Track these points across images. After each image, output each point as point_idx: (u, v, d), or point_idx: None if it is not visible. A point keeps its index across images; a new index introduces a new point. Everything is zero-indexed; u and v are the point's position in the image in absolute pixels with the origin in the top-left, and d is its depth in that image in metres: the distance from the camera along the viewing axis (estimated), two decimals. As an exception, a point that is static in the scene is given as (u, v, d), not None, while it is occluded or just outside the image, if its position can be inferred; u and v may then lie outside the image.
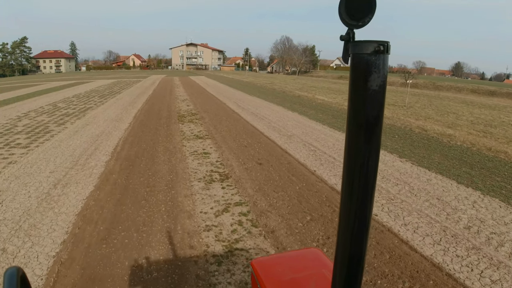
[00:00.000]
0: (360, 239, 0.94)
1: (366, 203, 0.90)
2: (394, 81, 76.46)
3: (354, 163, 0.88)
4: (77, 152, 9.99)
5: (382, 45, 0.78)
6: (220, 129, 13.33)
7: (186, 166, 8.63)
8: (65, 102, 22.62)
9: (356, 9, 0.84)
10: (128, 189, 7.12)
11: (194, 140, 11.45)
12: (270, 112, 17.93)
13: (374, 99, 0.82)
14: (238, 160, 9.24)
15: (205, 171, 8.29)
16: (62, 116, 16.63)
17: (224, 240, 5.17)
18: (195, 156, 9.54)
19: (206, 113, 17.39)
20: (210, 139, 11.70)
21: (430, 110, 20.94)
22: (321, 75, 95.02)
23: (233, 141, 11.35)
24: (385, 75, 0.80)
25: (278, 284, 2.13)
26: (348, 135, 0.87)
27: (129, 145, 10.75)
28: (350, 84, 0.84)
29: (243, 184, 7.46)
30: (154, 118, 15.70)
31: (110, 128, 13.55)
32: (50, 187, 7.40)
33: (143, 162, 8.95)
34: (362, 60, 0.80)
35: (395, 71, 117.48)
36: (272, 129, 13.47)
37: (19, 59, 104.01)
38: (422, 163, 9.71)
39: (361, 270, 0.98)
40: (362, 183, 0.88)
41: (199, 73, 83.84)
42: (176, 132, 12.81)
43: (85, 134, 12.49)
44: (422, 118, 17.54)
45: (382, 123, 0.85)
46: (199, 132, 12.75)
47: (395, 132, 13.44)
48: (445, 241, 5.67)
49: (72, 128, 13.60)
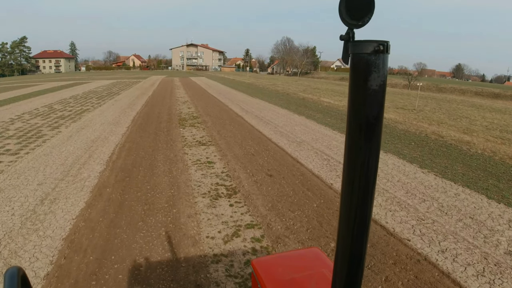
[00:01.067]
0: (360, 238, 0.92)
1: (367, 203, 0.89)
2: (397, 83, 75.94)
3: (354, 162, 0.87)
4: (69, 161, 9.15)
5: (382, 44, 0.78)
6: (224, 135, 12.50)
7: (188, 178, 7.79)
8: (62, 103, 21.78)
9: (356, 9, 0.83)
10: (123, 206, 6.28)
11: (197, 147, 10.61)
12: (275, 116, 17.10)
13: (374, 99, 0.81)
14: (245, 171, 8.40)
15: (210, 184, 7.45)
16: (57, 119, 15.79)
17: (236, 275, 4.33)
18: (198, 166, 8.71)
19: (209, 117, 16.56)
20: (214, 145, 10.87)
21: (441, 114, 20.12)
22: (322, 76, 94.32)
23: (239, 148, 10.52)
24: (385, 75, 0.80)
25: (278, 284, 2.10)
26: (348, 134, 0.87)
27: (126, 152, 9.90)
28: (350, 83, 0.84)
29: (254, 201, 6.62)
30: (154, 122, 14.86)
31: (106, 132, 12.72)
32: (36, 202, 6.56)
33: (141, 173, 8.11)
34: (362, 59, 0.80)
35: (396, 73, 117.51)
36: (280, 135, 12.64)
37: (19, 59, 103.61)
38: (446, 174, 8.90)
39: (361, 270, 0.97)
40: (362, 182, 0.87)
41: (200, 74, 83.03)
42: (177, 137, 11.97)
43: (79, 139, 11.65)
44: (435, 123, 16.73)
45: (382, 123, 0.84)
46: (201, 138, 11.92)
47: (410, 139, 12.62)
48: (489, 271, 4.87)
49: (66, 133, 12.76)
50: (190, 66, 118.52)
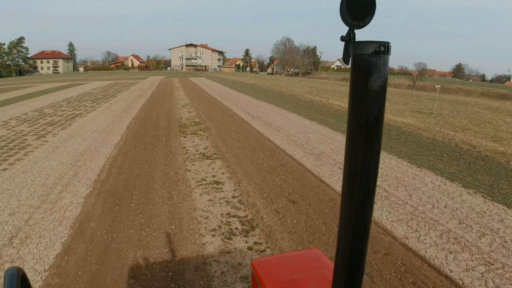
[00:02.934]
0: (360, 239, 0.92)
1: (367, 204, 0.89)
2: (400, 83, 74.57)
3: (355, 164, 0.87)
4: (51, 180, 7.68)
5: (382, 45, 0.78)
6: (230, 145, 11.04)
7: (192, 206, 6.33)
8: (53, 107, 20.29)
9: (357, 9, 0.83)
10: (109, 252, 4.82)
11: (201, 161, 9.15)
12: (285, 121, 15.63)
13: (375, 100, 0.81)
14: (262, 195, 6.94)
15: (220, 215, 5.99)
16: (46, 126, 14.31)
17: None
18: (204, 188, 7.24)
19: (212, 122, 15.10)
20: (221, 159, 9.41)
21: (461, 119, 18.68)
22: (324, 76, 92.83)
23: (250, 163, 9.06)
24: (386, 75, 0.80)
25: (278, 285, 2.06)
26: (348, 135, 0.86)
27: (117, 169, 8.43)
28: (351, 84, 0.84)
29: (279, 242, 5.16)
30: (151, 129, 13.39)
31: (97, 142, 11.25)
32: (4, 242, 5.12)
33: (135, 199, 6.64)
34: (362, 60, 0.80)
35: (396, 73, 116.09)
36: (294, 145, 11.19)
37: (16, 59, 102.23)
38: (495, 196, 7.48)
39: (361, 271, 0.97)
40: (363, 184, 0.87)
41: (199, 74, 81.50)
42: (178, 148, 10.50)
43: (66, 151, 10.18)
44: (458, 129, 15.29)
45: (382, 124, 0.84)
46: (205, 149, 10.44)
47: (441, 150, 11.17)
48: None
49: (53, 143, 11.29)
50: (190, 67, 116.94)
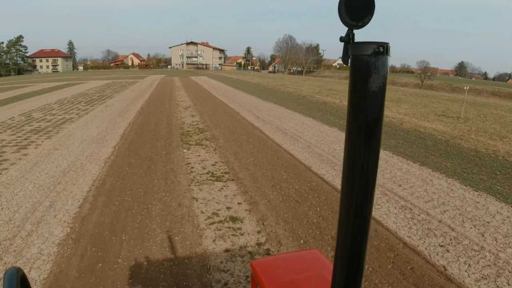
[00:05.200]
0: (360, 240, 0.92)
1: (366, 204, 0.88)
2: (407, 82, 72.54)
3: (354, 164, 0.86)
4: (20, 214, 5.92)
5: (381, 46, 0.77)
6: (244, 160, 9.25)
7: (204, 263, 4.54)
8: (44, 110, 18.51)
9: (356, 9, 0.82)
10: None
11: (210, 185, 7.37)
12: (301, 127, 13.83)
13: (374, 101, 0.81)
14: (297, 241, 5.15)
15: (245, 278, 4.21)
16: (30, 134, 12.55)
17: None
18: (217, 229, 5.46)
19: (218, 129, 13.31)
20: (234, 181, 7.63)
21: (492, 124, 16.84)
22: (328, 75, 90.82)
23: (272, 187, 7.29)
24: (385, 76, 0.79)
25: (278, 285, 2.06)
26: (348, 136, 0.86)
27: (105, 198, 6.64)
28: (350, 85, 0.83)
29: None
30: (149, 139, 11.60)
31: (85, 156, 9.48)
32: None
33: (124, 250, 4.85)
34: (361, 61, 0.79)
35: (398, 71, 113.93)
36: (319, 159, 9.40)
37: (15, 58, 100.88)
38: None
39: (361, 271, 0.96)
40: (362, 184, 0.86)
41: (200, 72, 79.65)
42: (180, 165, 8.72)
43: (46, 169, 8.42)
44: (495, 137, 13.47)
45: (382, 125, 0.84)
46: (214, 167, 8.66)
47: (490, 165, 9.36)
48: None
49: (34, 157, 9.53)
50: (190, 65, 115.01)
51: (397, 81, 74.34)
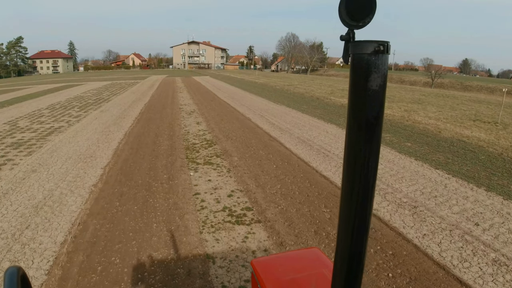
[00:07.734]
0: (360, 238, 0.90)
1: (366, 203, 0.87)
2: (416, 81, 70.12)
3: (355, 163, 0.85)
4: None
5: (382, 45, 0.76)
6: (269, 188, 7.22)
7: None
8: (32, 117, 16.56)
9: (356, 10, 0.81)
10: None
11: (229, 232, 5.35)
12: (326, 137, 11.76)
13: (374, 99, 0.80)
14: None
15: None
16: (9, 149, 10.60)
17: None
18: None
19: (230, 141, 11.29)
20: (261, 223, 5.60)
21: (540, 128, 14.73)
22: (333, 73, 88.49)
23: (315, 233, 5.25)
24: (385, 75, 0.79)
25: (278, 284, 2.01)
26: (348, 135, 0.85)
27: (83, 257, 4.62)
28: (350, 84, 0.82)
29: None
30: (147, 156, 9.57)
31: (66, 182, 7.49)
32: None
33: None
34: (362, 60, 0.78)
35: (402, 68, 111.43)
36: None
37: (15, 59, 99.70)
38: None
39: (361, 270, 0.95)
40: (362, 183, 0.85)
41: (203, 72, 77.61)
42: (187, 198, 6.70)
43: (16, 202, 6.44)
44: (557, 145, 11.38)
45: (382, 123, 0.82)
46: (231, 199, 6.62)
47: None
48: None
49: (4, 183, 7.55)
50: (192, 65, 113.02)
51: (405, 79, 71.93)
